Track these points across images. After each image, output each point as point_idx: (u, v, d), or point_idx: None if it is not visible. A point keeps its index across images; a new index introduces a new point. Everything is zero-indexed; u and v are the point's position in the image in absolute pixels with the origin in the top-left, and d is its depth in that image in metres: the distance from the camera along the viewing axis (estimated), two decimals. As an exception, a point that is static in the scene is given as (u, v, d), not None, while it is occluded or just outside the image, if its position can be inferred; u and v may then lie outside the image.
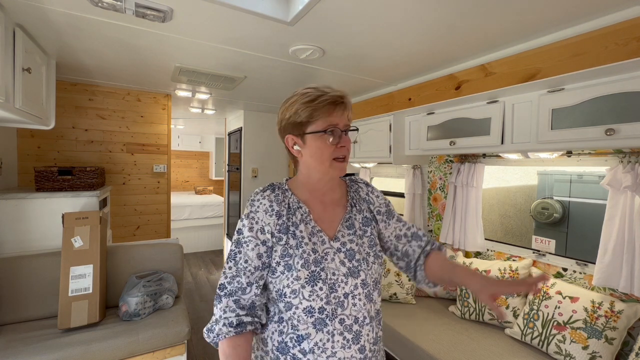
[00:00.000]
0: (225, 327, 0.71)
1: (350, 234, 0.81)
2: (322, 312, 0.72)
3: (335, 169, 0.79)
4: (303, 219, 0.78)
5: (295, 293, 0.73)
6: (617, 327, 1.33)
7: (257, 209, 0.77)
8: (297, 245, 0.75)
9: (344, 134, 0.78)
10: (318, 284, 0.73)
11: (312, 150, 0.78)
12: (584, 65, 1.24)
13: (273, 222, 0.76)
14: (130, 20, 1.43)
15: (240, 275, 0.74)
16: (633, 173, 1.32)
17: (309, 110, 0.76)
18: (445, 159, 2.33)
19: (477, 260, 1.93)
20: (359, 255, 0.79)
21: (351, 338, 0.74)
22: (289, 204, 0.80)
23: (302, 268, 0.73)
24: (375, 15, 1.29)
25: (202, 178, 6.89)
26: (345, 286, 0.75)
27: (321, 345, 0.72)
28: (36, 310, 1.78)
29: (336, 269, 0.75)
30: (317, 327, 0.72)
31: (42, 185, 1.96)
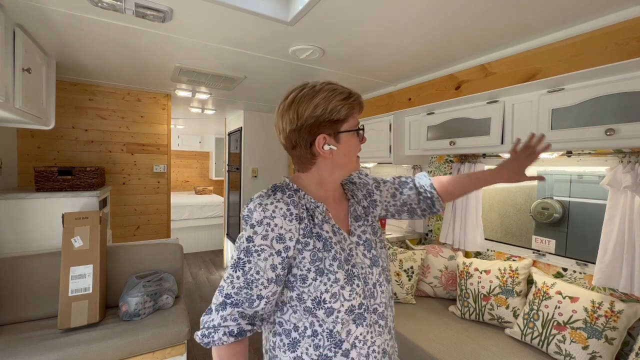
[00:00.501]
0: (225, 336, 0.67)
1: (361, 225, 0.83)
2: (361, 307, 0.73)
3: (358, 164, 0.82)
4: (324, 218, 0.75)
5: (335, 296, 0.69)
6: (617, 327, 1.33)
7: (272, 214, 0.69)
8: (325, 247, 0.72)
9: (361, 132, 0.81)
10: (355, 281, 0.73)
11: (347, 149, 0.76)
12: (584, 65, 1.24)
13: (295, 227, 0.70)
14: (130, 20, 1.43)
15: (250, 287, 0.68)
16: (633, 173, 1.32)
17: (347, 108, 0.73)
18: (445, 159, 2.33)
19: (477, 260, 1.93)
20: (373, 244, 0.82)
21: (383, 324, 0.77)
22: (306, 205, 0.75)
23: (339, 269, 0.70)
24: (375, 15, 1.29)
25: (202, 178, 6.89)
26: (372, 277, 0.77)
27: (362, 339, 0.72)
28: (36, 310, 1.78)
29: (362, 263, 0.77)
30: (356, 322, 0.72)
31: (42, 185, 1.96)
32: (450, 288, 2.07)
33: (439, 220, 2.39)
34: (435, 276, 2.10)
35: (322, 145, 0.74)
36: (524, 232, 2.28)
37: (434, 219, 2.45)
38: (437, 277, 2.10)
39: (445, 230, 2.18)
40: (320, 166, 0.77)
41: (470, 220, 2.03)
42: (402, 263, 2.08)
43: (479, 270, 1.86)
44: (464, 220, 2.07)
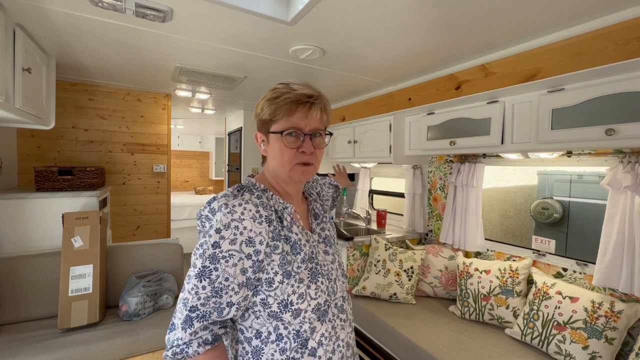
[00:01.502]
0: (200, 347, 0.63)
1: (320, 223, 0.83)
2: (326, 304, 0.73)
3: (296, 172, 0.72)
4: (292, 220, 0.73)
5: (302, 297, 0.67)
6: (617, 327, 1.33)
7: (241, 216, 0.64)
8: (293, 250, 0.70)
9: (308, 138, 0.70)
10: (319, 279, 0.72)
11: (273, 152, 0.72)
12: (584, 65, 1.24)
13: (265, 230, 0.66)
14: (130, 20, 1.43)
15: (220, 295, 0.63)
16: (633, 173, 1.32)
17: (271, 108, 0.70)
18: (445, 159, 2.33)
19: (477, 260, 1.93)
20: (332, 240, 0.83)
21: (344, 317, 0.77)
22: (274, 206, 0.72)
23: (305, 270, 0.70)
24: (375, 15, 1.29)
25: (202, 178, 6.89)
26: (333, 272, 0.78)
27: (327, 335, 0.72)
28: (36, 310, 1.78)
29: (324, 260, 0.76)
30: (321, 319, 0.71)
31: (42, 185, 1.96)
32: (450, 288, 2.07)
33: (439, 220, 2.39)
34: (435, 276, 2.10)
35: (260, 143, 0.78)
36: (524, 232, 2.28)
37: (433, 218, 2.45)
38: (437, 277, 2.10)
39: (445, 230, 2.18)
40: (268, 165, 0.78)
41: (470, 220, 2.03)
42: (402, 263, 2.08)
43: (479, 270, 1.86)
44: (464, 220, 2.07)
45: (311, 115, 0.70)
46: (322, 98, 0.74)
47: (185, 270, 4.26)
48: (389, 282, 2.06)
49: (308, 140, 0.71)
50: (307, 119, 0.70)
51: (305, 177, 0.73)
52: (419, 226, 2.49)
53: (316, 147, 0.73)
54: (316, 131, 0.72)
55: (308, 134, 0.71)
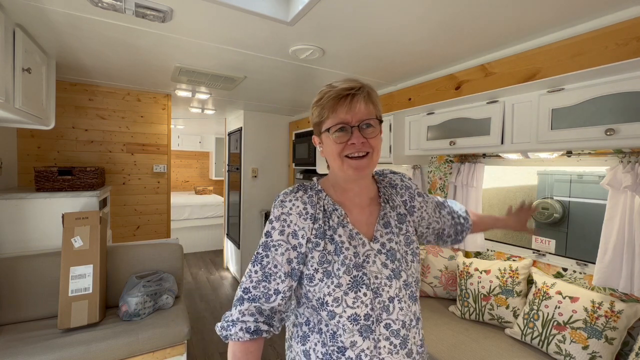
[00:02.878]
0: (241, 332, 0.68)
1: (388, 233, 0.77)
2: (368, 319, 0.69)
3: (348, 166, 0.72)
4: (340, 222, 0.74)
5: (337, 301, 0.68)
6: (617, 327, 1.33)
7: (289, 211, 0.72)
8: (336, 251, 0.71)
9: (356, 129, 0.70)
10: (362, 290, 0.69)
11: (326, 150, 0.75)
12: (584, 65, 1.24)
13: (308, 226, 0.71)
14: (130, 20, 1.43)
15: (268, 281, 0.70)
16: (633, 173, 1.32)
17: (317, 109, 0.74)
18: (445, 159, 2.33)
19: (477, 260, 1.93)
20: (398, 255, 0.75)
21: (398, 343, 0.71)
22: (324, 207, 0.75)
23: (344, 274, 0.69)
24: (375, 15, 1.29)
25: (202, 178, 6.89)
26: (389, 290, 0.71)
27: (368, 353, 0.68)
28: (36, 310, 1.78)
29: (378, 272, 0.71)
30: (363, 334, 0.69)
31: (42, 185, 1.96)
32: (450, 288, 2.07)
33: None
34: (435, 276, 2.10)
35: (318, 146, 0.79)
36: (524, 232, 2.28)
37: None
38: (437, 277, 2.10)
39: (445, 230, 2.18)
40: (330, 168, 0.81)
41: (470, 220, 2.03)
42: (402, 263, 2.07)
43: (479, 270, 1.86)
44: (464, 220, 2.07)
45: (355, 107, 0.70)
46: (365, 88, 0.73)
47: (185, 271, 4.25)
48: (389, 282, 2.06)
49: (357, 132, 0.70)
50: (351, 112, 0.70)
51: (359, 170, 0.72)
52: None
53: (368, 137, 0.71)
54: (364, 121, 0.71)
55: (355, 125, 0.70)
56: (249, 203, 3.75)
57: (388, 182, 0.86)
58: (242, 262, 3.74)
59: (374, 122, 0.72)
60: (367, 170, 0.73)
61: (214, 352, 2.40)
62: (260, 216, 3.82)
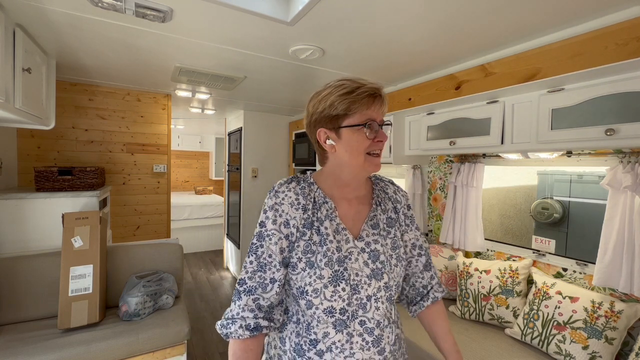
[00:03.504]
0: (241, 329, 0.69)
1: (375, 234, 0.78)
2: (344, 314, 0.71)
3: (371, 164, 0.75)
4: (328, 215, 0.76)
5: (316, 292, 0.70)
6: (617, 327, 1.33)
7: (282, 200, 0.74)
8: (321, 242, 0.72)
9: (380, 129, 0.74)
10: (341, 284, 0.71)
11: (348, 144, 0.73)
12: (584, 65, 1.24)
13: (299, 215, 0.73)
14: (130, 21, 1.43)
15: (264, 271, 0.71)
16: (633, 173, 1.32)
17: (346, 103, 0.71)
18: (445, 159, 2.33)
19: (477, 260, 1.93)
20: (382, 257, 0.76)
21: (371, 341, 0.72)
22: (315, 198, 0.77)
23: (326, 267, 0.70)
24: (375, 15, 1.29)
25: (202, 178, 6.89)
26: (368, 288, 0.73)
27: (339, 346, 0.70)
28: (36, 310, 1.78)
29: (359, 270, 0.73)
30: (337, 327, 0.71)
31: (42, 185, 1.96)
32: (450, 288, 2.07)
33: (439, 221, 2.39)
34: (435, 276, 2.10)
35: (324, 140, 0.76)
36: (524, 232, 2.28)
37: (433, 218, 2.45)
38: (437, 277, 2.09)
39: (445, 230, 2.18)
40: (331, 162, 0.80)
41: (470, 220, 2.03)
42: (402, 263, 2.07)
43: (479, 270, 1.86)
44: (463, 220, 2.07)
45: (381, 107, 0.75)
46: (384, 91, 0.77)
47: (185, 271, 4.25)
48: (389, 282, 2.06)
49: (381, 131, 0.74)
50: (378, 112, 0.74)
51: (377, 168, 0.76)
52: (419, 226, 2.49)
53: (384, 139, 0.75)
54: (384, 122, 0.75)
55: (380, 124, 0.74)
56: (249, 203, 3.75)
57: (383, 187, 0.88)
58: (242, 262, 3.74)
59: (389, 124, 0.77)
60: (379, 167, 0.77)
61: (214, 352, 2.40)
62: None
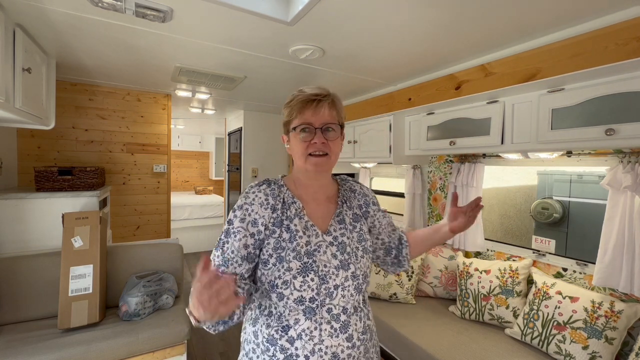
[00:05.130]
0: None
1: (342, 229, 0.84)
2: (313, 302, 0.75)
3: (309, 163, 0.80)
4: (297, 214, 0.82)
5: (286, 284, 0.75)
6: (617, 327, 1.33)
7: (252, 201, 0.80)
8: (290, 239, 0.78)
9: (319, 131, 0.79)
10: (309, 275, 0.76)
11: (292, 147, 0.83)
12: (584, 65, 1.24)
13: (268, 215, 0.79)
14: (130, 20, 1.43)
15: (227, 265, 0.76)
16: (633, 173, 1.32)
17: (287, 110, 0.82)
18: (445, 159, 2.33)
19: (477, 260, 1.93)
20: (349, 248, 0.82)
21: (339, 327, 0.76)
22: (284, 199, 0.83)
23: (294, 259, 0.76)
24: (375, 15, 1.29)
25: (202, 178, 6.89)
26: (336, 278, 0.78)
27: (308, 333, 0.75)
28: (36, 310, 1.78)
29: (327, 262, 0.78)
30: (306, 314, 0.75)
31: (42, 185, 1.96)
32: (450, 288, 2.07)
33: (439, 220, 2.39)
34: (435, 276, 2.10)
35: (285, 143, 0.87)
36: (524, 232, 2.28)
37: (433, 218, 2.45)
38: (437, 277, 2.10)
39: (445, 230, 2.18)
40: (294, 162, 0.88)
41: (470, 220, 2.03)
42: (402, 263, 2.07)
43: (479, 270, 1.86)
44: (464, 220, 2.07)
45: (319, 111, 0.79)
46: (331, 96, 0.82)
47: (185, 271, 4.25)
48: (389, 282, 2.06)
49: (319, 133, 0.79)
50: (316, 115, 0.79)
51: (318, 167, 0.81)
52: (419, 226, 2.49)
53: (328, 139, 0.80)
54: (326, 125, 0.80)
55: (319, 127, 0.79)
56: (249, 203, 3.75)
57: (349, 187, 0.95)
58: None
59: (335, 127, 0.81)
60: (325, 167, 0.82)
61: (214, 352, 2.40)
62: (260, 216, 3.82)
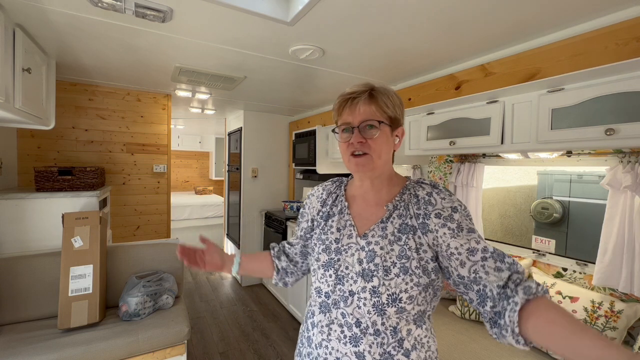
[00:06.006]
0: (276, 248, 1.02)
1: (382, 237, 0.75)
2: (328, 297, 0.78)
3: (352, 164, 0.78)
4: (341, 211, 0.85)
5: (314, 272, 0.83)
6: (617, 327, 1.33)
7: (313, 193, 0.95)
8: (326, 232, 0.84)
9: (356, 130, 0.75)
10: (329, 271, 0.79)
11: (339, 149, 0.83)
12: (584, 65, 1.24)
13: (317, 208, 0.90)
14: (130, 21, 1.43)
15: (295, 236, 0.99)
16: (633, 173, 1.32)
17: (333, 113, 0.84)
18: (445, 159, 2.33)
19: (477, 260, 1.93)
20: (378, 259, 0.72)
21: (349, 336, 0.72)
22: (337, 196, 0.89)
23: (323, 252, 0.81)
24: (375, 15, 1.29)
25: (202, 178, 6.89)
26: (353, 284, 0.74)
27: (320, 327, 0.78)
28: (36, 310, 1.78)
29: (351, 265, 0.76)
30: (321, 308, 0.79)
31: (42, 186, 1.96)
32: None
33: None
34: (435, 276, 2.10)
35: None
36: (524, 232, 2.28)
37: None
38: (437, 277, 2.09)
39: (445, 230, 2.18)
40: None
41: (470, 220, 2.03)
42: (402, 263, 2.07)
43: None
44: (464, 220, 2.07)
45: (357, 109, 0.76)
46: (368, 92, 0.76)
47: (185, 271, 4.24)
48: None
49: (356, 132, 0.76)
50: (354, 114, 0.77)
51: (360, 167, 0.77)
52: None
53: (367, 138, 0.75)
54: (365, 122, 0.75)
55: (356, 126, 0.76)
56: (249, 203, 3.75)
57: (413, 191, 0.79)
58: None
59: (375, 123, 0.75)
60: (367, 167, 0.76)
61: (214, 352, 2.40)
62: (260, 216, 3.82)
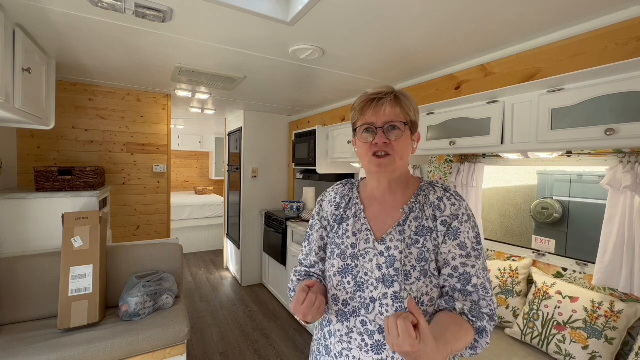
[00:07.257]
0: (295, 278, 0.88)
1: (400, 240, 0.74)
2: (346, 306, 0.75)
3: (373, 164, 0.77)
4: (355, 214, 0.83)
5: (329, 279, 0.81)
6: (617, 327, 1.33)
7: (324, 197, 0.91)
8: (341, 236, 0.81)
9: (380, 130, 0.74)
10: (347, 278, 0.76)
11: (357, 149, 0.82)
12: (584, 65, 1.24)
13: (331, 211, 0.87)
14: (130, 21, 1.43)
15: (311, 254, 0.89)
16: (633, 173, 1.32)
17: (352, 114, 0.83)
18: (445, 159, 2.33)
19: (477, 260, 1.93)
20: (398, 264, 0.71)
21: (371, 344, 0.71)
22: (350, 198, 0.87)
23: (337, 258, 0.79)
24: (375, 15, 1.29)
25: (202, 178, 6.89)
26: (374, 290, 0.72)
27: (338, 336, 0.76)
28: (36, 310, 1.78)
29: (370, 271, 0.74)
30: (338, 317, 0.76)
31: (42, 186, 1.96)
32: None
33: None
34: (435, 276, 2.10)
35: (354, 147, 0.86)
36: (524, 232, 2.28)
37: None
38: (437, 277, 2.09)
39: (445, 230, 2.18)
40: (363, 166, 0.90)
41: (470, 220, 2.03)
42: (402, 263, 2.07)
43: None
44: (464, 220, 2.07)
45: (381, 110, 0.76)
46: (393, 94, 0.77)
47: (185, 271, 4.24)
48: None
49: (380, 133, 0.75)
50: (377, 115, 0.76)
51: (382, 168, 0.76)
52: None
53: (391, 139, 0.75)
54: (389, 123, 0.75)
55: (380, 127, 0.75)
56: (249, 203, 3.75)
57: (426, 193, 0.80)
58: (242, 262, 3.74)
59: (399, 125, 0.75)
60: (389, 168, 0.76)
61: (214, 352, 2.40)
62: (260, 216, 3.82)
